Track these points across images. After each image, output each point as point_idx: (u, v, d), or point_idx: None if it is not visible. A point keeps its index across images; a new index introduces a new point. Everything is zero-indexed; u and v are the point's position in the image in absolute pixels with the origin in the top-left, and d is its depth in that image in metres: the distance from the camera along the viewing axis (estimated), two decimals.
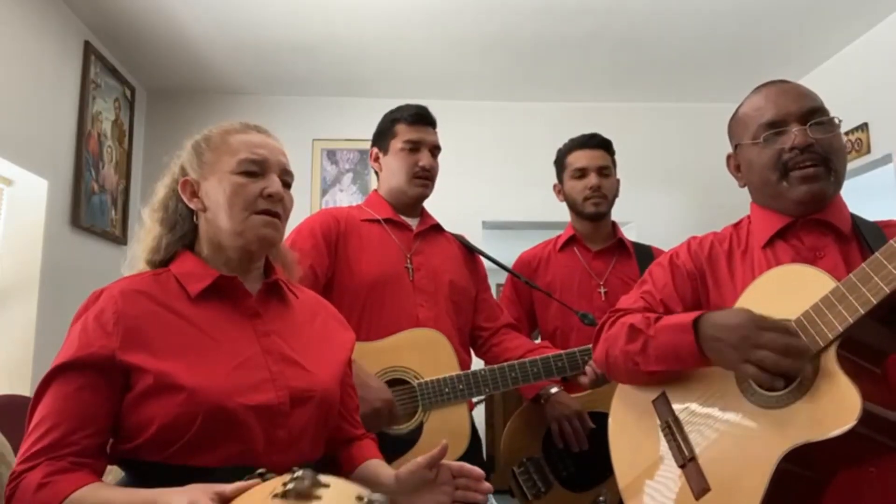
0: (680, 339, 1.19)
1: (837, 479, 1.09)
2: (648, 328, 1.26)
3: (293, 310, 1.21)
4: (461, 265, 1.96)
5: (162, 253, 1.15)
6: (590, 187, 2.11)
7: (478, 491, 1.09)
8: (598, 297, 2.10)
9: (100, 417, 0.99)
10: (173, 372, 0.99)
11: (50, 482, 0.93)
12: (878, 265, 1.02)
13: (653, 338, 1.25)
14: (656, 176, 4.10)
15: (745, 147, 1.31)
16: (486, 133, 4.13)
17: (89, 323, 1.02)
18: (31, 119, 2.77)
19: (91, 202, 3.22)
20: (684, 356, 1.20)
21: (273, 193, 1.12)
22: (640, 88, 4.05)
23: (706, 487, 1.15)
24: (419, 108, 1.91)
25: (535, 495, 1.92)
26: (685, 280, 1.35)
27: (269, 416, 1.04)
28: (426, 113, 1.92)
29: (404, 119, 1.90)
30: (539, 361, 1.76)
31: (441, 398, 1.69)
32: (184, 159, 1.18)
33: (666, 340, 1.22)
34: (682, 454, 1.21)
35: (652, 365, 1.26)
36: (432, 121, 1.94)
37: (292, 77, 3.84)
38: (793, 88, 1.28)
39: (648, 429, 1.30)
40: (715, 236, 1.39)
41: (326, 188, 4.02)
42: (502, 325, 1.99)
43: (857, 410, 0.98)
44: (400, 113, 1.92)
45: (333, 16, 3.17)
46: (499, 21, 3.24)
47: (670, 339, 1.22)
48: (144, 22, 3.21)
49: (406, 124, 1.89)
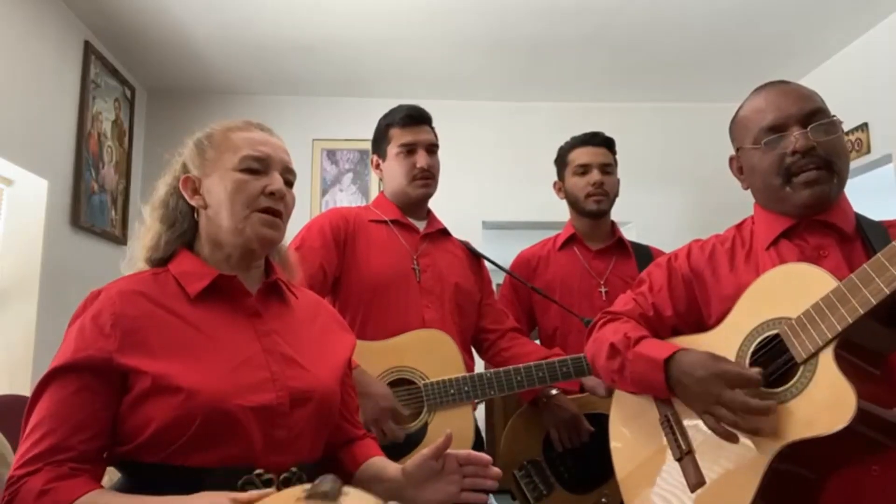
0: (651, 375, 1.24)
1: (839, 477, 1.09)
2: (627, 350, 1.29)
3: (293, 310, 1.20)
4: (467, 269, 1.97)
5: (161, 251, 1.14)
6: (592, 184, 2.11)
7: (486, 477, 1.09)
8: (599, 296, 2.09)
9: (98, 421, 0.98)
10: (171, 373, 0.98)
11: (52, 489, 0.91)
12: (880, 266, 1.02)
13: (630, 361, 1.28)
14: (656, 176, 4.09)
15: (747, 151, 1.31)
16: (486, 133, 4.13)
17: (87, 324, 1.00)
18: (31, 119, 2.77)
19: (91, 202, 3.22)
20: (657, 390, 1.26)
21: (275, 191, 1.12)
22: (640, 88, 4.04)
23: (701, 481, 1.16)
24: (410, 109, 1.90)
25: (537, 498, 1.92)
26: (680, 284, 1.35)
27: (269, 417, 1.03)
28: (417, 113, 1.91)
29: (396, 123, 1.89)
30: (545, 366, 1.76)
31: (446, 399, 1.69)
32: (185, 156, 1.18)
33: (639, 370, 1.26)
34: (679, 447, 1.22)
35: (628, 387, 1.32)
36: (426, 118, 1.93)
37: (292, 77, 3.84)
38: (793, 90, 1.27)
39: (647, 422, 1.31)
40: (717, 238, 1.39)
41: (326, 188, 4.02)
42: (509, 329, 1.99)
43: (852, 410, 0.98)
44: (392, 117, 1.92)
45: (333, 16, 3.17)
46: (499, 21, 3.24)
47: (643, 371, 1.25)
48: (144, 22, 3.20)
49: (399, 127, 1.89)
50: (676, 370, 1.19)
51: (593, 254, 2.16)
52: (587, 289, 2.11)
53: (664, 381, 1.21)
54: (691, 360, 1.18)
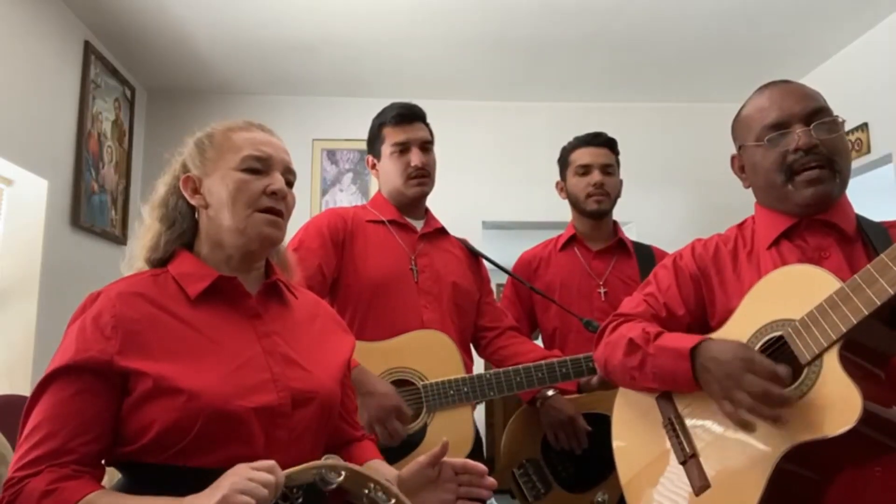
0: (676, 366, 1.20)
1: (842, 478, 1.09)
2: (647, 345, 1.26)
3: (293, 311, 1.20)
4: (465, 268, 1.96)
5: (160, 251, 1.14)
6: (593, 184, 2.11)
7: (481, 486, 1.09)
8: (598, 297, 2.09)
9: (98, 423, 0.97)
10: (172, 375, 0.98)
11: (56, 489, 0.91)
12: (884, 267, 1.02)
13: (651, 356, 1.25)
14: (656, 176, 4.09)
15: (749, 149, 1.31)
16: (487, 133, 4.12)
17: (87, 326, 1.00)
18: (31, 119, 2.77)
19: (91, 202, 3.22)
20: (680, 382, 1.22)
21: (276, 190, 1.12)
22: (640, 88, 4.04)
23: (706, 484, 1.16)
24: (402, 108, 1.89)
25: (535, 497, 1.92)
26: (688, 282, 1.34)
27: (271, 417, 1.03)
28: (409, 111, 1.89)
29: (389, 121, 1.88)
30: (544, 366, 1.76)
31: (445, 400, 1.69)
32: (186, 156, 1.18)
33: (663, 363, 1.23)
34: (683, 451, 1.22)
35: (649, 383, 1.28)
36: (419, 115, 1.91)
37: (292, 77, 3.83)
38: (796, 89, 1.28)
39: (651, 425, 1.30)
40: (719, 237, 1.39)
41: (326, 188, 4.02)
42: (507, 328, 1.99)
43: (858, 411, 0.98)
44: (384, 116, 1.90)
45: (333, 16, 3.17)
46: (499, 21, 3.23)
47: (667, 364, 1.22)
48: (144, 22, 3.20)
49: (391, 126, 1.87)
50: (703, 357, 1.17)
51: (593, 254, 2.16)
52: (586, 289, 2.11)
53: (690, 370, 1.18)
54: (721, 346, 1.16)
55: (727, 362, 1.11)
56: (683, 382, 1.21)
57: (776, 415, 1.05)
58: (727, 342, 1.17)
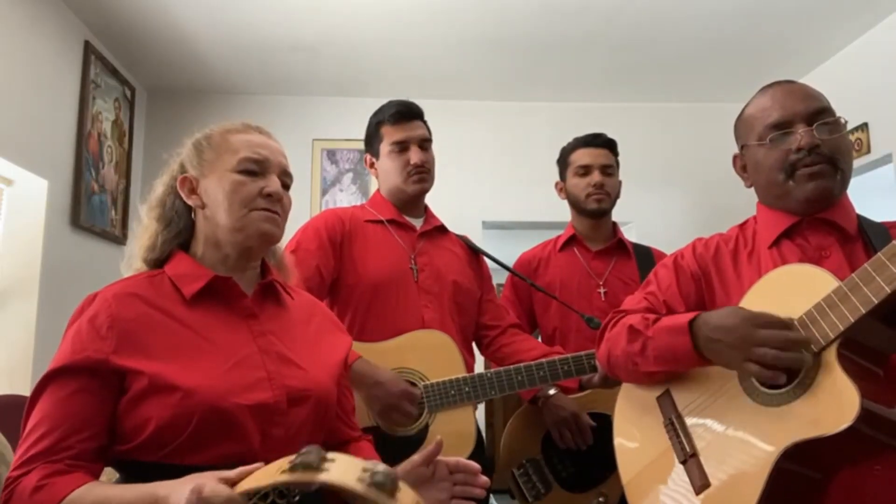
0: (677, 342, 1.21)
1: (842, 476, 1.09)
2: (647, 329, 1.27)
3: (289, 311, 1.21)
4: (465, 266, 1.95)
5: (157, 251, 1.15)
6: (593, 184, 2.12)
7: (475, 485, 1.09)
8: (598, 297, 2.09)
9: (95, 421, 0.99)
10: (168, 373, 0.99)
11: (46, 484, 0.92)
12: (881, 265, 1.02)
13: (651, 339, 1.26)
14: (656, 176, 4.09)
15: (752, 148, 1.31)
16: (487, 133, 4.12)
17: (83, 327, 1.02)
18: (31, 119, 2.77)
19: (91, 202, 3.22)
20: (682, 358, 1.21)
21: (272, 193, 1.13)
22: (640, 88, 4.04)
23: (706, 483, 1.16)
24: (399, 105, 1.88)
25: (535, 497, 1.92)
26: (689, 281, 1.35)
27: (266, 415, 1.04)
28: (407, 108, 1.88)
29: (387, 120, 1.87)
30: (546, 365, 1.75)
31: (447, 400, 1.69)
32: (183, 157, 1.19)
33: (663, 342, 1.24)
34: (683, 450, 1.22)
35: (651, 365, 1.28)
36: (416, 113, 1.90)
37: (292, 77, 3.83)
38: (799, 89, 1.28)
39: (652, 425, 1.31)
40: (720, 237, 1.39)
41: (326, 188, 4.02)
42: (509, 325, 1.98)
43: (856, 409, 0.98)
44: (382, 114, 1.89)
45: (333, 16, 3.17)
46: (499, 21, 3.23)
47: (667, 341, 1.23)
48: (144, 22, 3.20)
49: (389, 125, 1.87)
50: (705, 329, 1.17)
51: (593, 254, 2.17)
52: (586, 289, 2.11)
53: (690, 343, 1.18)
54: (719, 315, 1.16)
55: (735, 326, 1.11)
56: (685, 358, 1.21)
57: (801, 357, 1.06)
58: (721, 310, 1.17)
